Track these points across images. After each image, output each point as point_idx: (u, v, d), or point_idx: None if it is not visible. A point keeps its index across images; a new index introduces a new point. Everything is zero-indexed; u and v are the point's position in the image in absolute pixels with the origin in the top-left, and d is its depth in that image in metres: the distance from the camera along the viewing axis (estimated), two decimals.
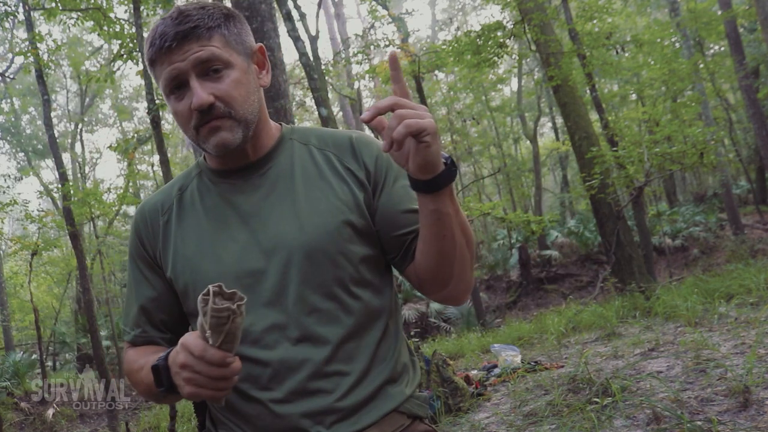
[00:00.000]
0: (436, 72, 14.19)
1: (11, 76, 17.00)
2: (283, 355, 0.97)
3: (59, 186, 9.44)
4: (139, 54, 5.98)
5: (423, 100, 11.57)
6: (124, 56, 7.62)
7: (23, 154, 22.03)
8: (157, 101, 5.52)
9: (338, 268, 1.00)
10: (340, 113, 20.15)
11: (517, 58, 14.74)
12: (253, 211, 1.04)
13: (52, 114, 11.20)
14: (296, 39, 4.99)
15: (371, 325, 1.03)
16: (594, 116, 11.65)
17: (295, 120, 11.82)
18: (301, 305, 0.98)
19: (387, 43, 11.97)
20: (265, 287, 0.99)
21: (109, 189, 15.06)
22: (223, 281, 0.88)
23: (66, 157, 20.36)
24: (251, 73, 1.03)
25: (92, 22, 8.05)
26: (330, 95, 13.80)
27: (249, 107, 1.01)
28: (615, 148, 8.93)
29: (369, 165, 1.07)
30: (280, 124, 1.15)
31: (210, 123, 0.98)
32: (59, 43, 8.50)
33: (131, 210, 21.72)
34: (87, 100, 21.17)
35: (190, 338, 0.84)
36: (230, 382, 0.85)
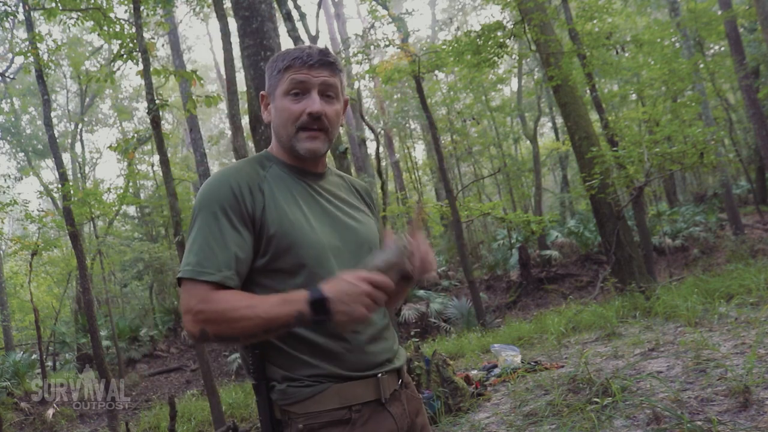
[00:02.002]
0: (436, 72, 14.17)
1: (11, 76, 17.00)
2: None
3: (59, 186, 9.44)
4: (139, 54, 5.98)
5: (423, 100, 11.57)
6: (124, 56, 7.61)
7: (23, 154, 22.03)
8: (157, 101, 5.51)
9: None
10: None
11: (517, 58, 14.74)
12: (327, 206, 1.36)
13: (52, 114, 11.20)
14: (296, 39, 4.99)
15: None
16: (594, 116, 11.65)
17: None
18: None
19: (387, 43, 11.96)
20: (346, 258, 1.31)
21: (109, 189, 15.05)
22: (321, 248, 1.27)
23: (66, 157, 20.37)
24: (342, 111, 1.38)
25: (92, 22, 8.05)
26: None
27: (335, 133, 1.36)
28: (615, 148, 8.93)
29: (375, 207, 1.55)
30: None
31: (313, 131, 1.30)
32: (59, 43, 8.50)
33: (131, 210, 21.75)
34: (87, 100, 21.17)
35: (373, 273, 1.15)
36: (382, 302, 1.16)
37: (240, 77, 12.50)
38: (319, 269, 1.26)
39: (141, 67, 5.88)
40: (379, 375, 1.30)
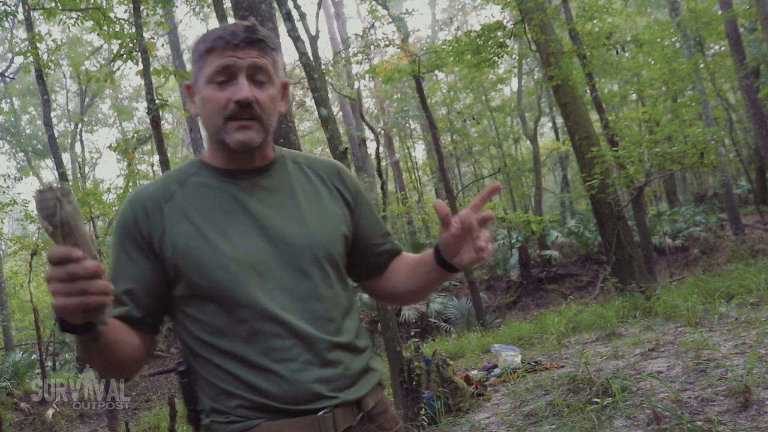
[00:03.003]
0: (436, 72, 14.17)
1: (11, 76, 17.00)
2: (298, 330, 1.09)
3: None
4: (139, 54, 5.97)
5: (423, 100, 11.57)
6: (124, 56, 7.61)
7: (23, 154, 22.04)
8: (157, 101, 5.51)
9: (333, 265, 1.18)
10: (340, 113, 20.15)
11: (517, 58, 14.74)
12: (260, 210, 1.15)
13: (52, 114, 11.20)
14: (296, 39, 4.98)
15: (353, 314, 1.22)
16: (594, 116, 11.64)
17: (295, 120, 11.80)
18: (309, 292, 1.13)
19: (387, 43, 11.96)
20: (277, 274, 1.11)
21: (108, 189, 15.06)
22: (239, 265, 1.08)
23: (66, 157, 20.36)
24: (279, 97, 1.18)
25: (92, 22, 8.05)
26: (330, 95, 13.81)
27: (272, 121, 1.16)
28: (615, 148, 8.92)
29: (351, 189, 1.28)
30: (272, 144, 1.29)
31: (242, 121, 1.11)
32: (59, 43, 8.51)
33: None
34: (87, 100, 21.17)
35: (52, 250, 0.84)
36: (93, 284, 0.84)
37: None
38: (234, 291, 1.07)
39: (141, 67, 5.88)
40: (320, 413, 1.07)
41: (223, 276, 1.08)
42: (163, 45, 16.92)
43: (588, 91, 10.98)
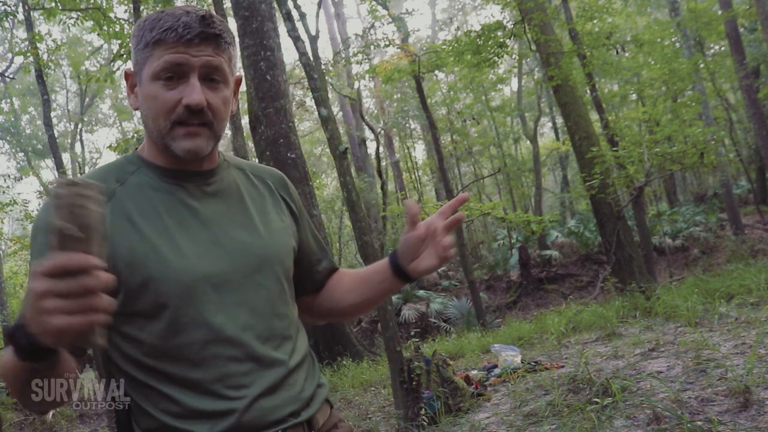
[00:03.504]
0: (436, 72, 14.17)
1: (11, 76, 17.00)
2: (257, 353, 1.00)
3: None
4: None
5: (423, 100, 11.57)
6: (124, 56, 7.62)
7: (23, 154, 22.04)
8: None
9: (287, 278, 1.12)
10: (340, 113, 20.15)
11: (517, 58, 14.74)
12: (210, 216, 1.04)
13: (52, 114, 11.20)
14: (296, 39, 4.98)
15: (302, 329, 1.16)
16: (594, 116, 11.64)
17: (295, 120, 11.80)
18: (268, 307, 1.05)
19: (387, 43, 11.96)
20: (234, 288, 1.01)
21: None
22: (192, 278, 0.96)
23: (66, 157, 20.36)
24: (231, 96, 1.06)
25: (92, 22, 8.05)
26: (330, 95, 13.81)
27: (224, 126, 1.05)
28: (615, 148, 8.92)
29: (295, 200, 1.21)
30: None
31: (191, 127, 0.99)
32: (59, 43, 8.51)
33: None
34: (87, 100, 21.17)
35: (43, 261, 0.69)
36: (104, 300, 0.71)
37: None
38: (186, 308, 0.95)
39: None
40: None
41: (173, 291, 0.95)
42: None
43: (588, 91, 10.98)
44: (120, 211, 0.98)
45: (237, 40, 1.14)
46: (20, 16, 8.43)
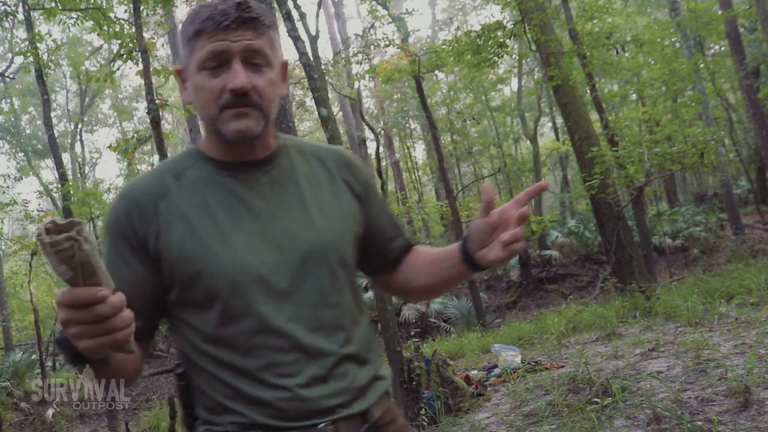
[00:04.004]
0: (436, 72, 14.17)
1: (11, 76, 17.00)
2: (303, 344, 1.01)
3: (59, 186, 9.45)
4: (139, 54, 5.97)
5: (423, 100, 11.57)
6: (124, 56, 7.61)
7: (23, 154, 22.05)
8: (157, 101, 5.51)
9: (344, 267, 1.09)
10: (340, 113, 20.14)
11: (517, 58, 14.74)
12: (262, 206, 1.06)
13: (52, 114, 11.20)
14: (296, 39, 4.97)
15: (362, 320, 1.13)
16: (594, 116, 11.64)
17: (295, 120, 11.80)
18: (317, 298, 1.04)
19: (387, 43, 11.95)
20: (282, 279, 1.02)
21: (109, 189, 15.07)
22: (240, 271, 1.00)
23: (66, 157, 20.35)
24: (279, 79, 1.07)
25: (92, 22, 8.04)
26: (330, 95, 13.80)
27: (273, 107, 1.06)
28: (615, 148, 8.92)
29: (360, 180, 1.18)
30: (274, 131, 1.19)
31: (239, 108, 1.00)
32: (59, 43, 8.50)
33: None
34: (87, 100, 21.17)
35: (61, 291, 0.78)
36: (119, 319, 0.78)
37: None
38: (234, 300, 0.99)
39: (141, 67, 5.88)
40: (321, 425, 1.01)
41: (221, 284, 0.99)
42: (163, 45, 16.89)
43: (588, 91, 10.97)
44: (172, 208, 1.03)
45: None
46: (20, 16, 8.42)
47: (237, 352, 1.00)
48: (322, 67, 11.19)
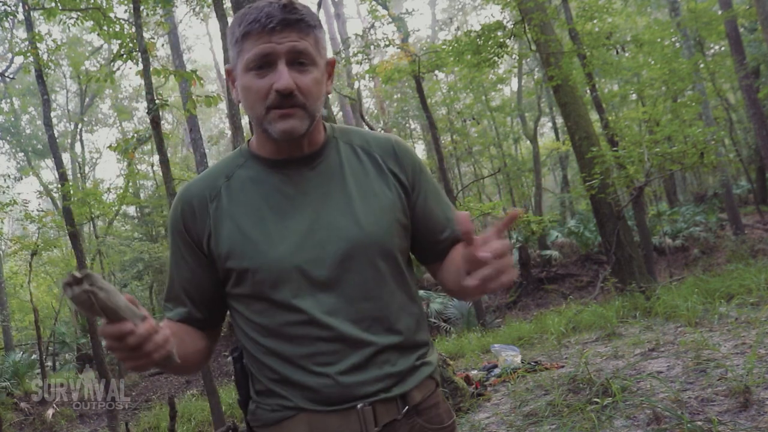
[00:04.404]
0: (436, 72, 14.17)
1: (11, 76, 17.00)
2: (344, 334, 1.06)
3: (59, 186, 9.45)
4: (139, 54, 5.97)
5: (423, 100, 11.57)
6: (124, 56, 7.60)
7: (23, 154, 22.04)
8: (157, 101, 5.51)
9: (388, 259, 1.12)
10: (340, 113, 20.15)
11: (517, 58, 14.74)
12: (308, 203, 1.10)
13: (52, 114, 11.20)
14: None
15: (410, 308, 1.15)
16: (594, 116, 11.64)
17: None
18: (358, 291, 1.08)
19: (387, 43, 11.95)
20: (323, 274, 1.07)
21: (108, 189, 15.07)
22: (283, 267, 1.06)
23: (66, 157, 20.36)
24: (324, 77, 1.11)
25: (92, 22, 8.04)
26: (330, 95, 13.79)
27: (319, 105, 1.09)
28: (615, 148, 8.92)
29: (408, 170, 1.18)
30: (324, 123, 1.21)
31: (285, 109, 1.04)
32: (59, 43, 8.50)
33: (131, 210, 21.75)
34: (87, 100, 21.17)
35: (101, 327, 0.88)
36: (151, 344, 0.89)
37: None
38: (279, 294, 1.06)
39: (141, 67, 5.87)
40: (359, 406, 1.06)
41: (266, 279, 1.06)
42: (163, 45, 16.89)
43: (588, 91, 10.98)
44: (222, 209, 1.11)
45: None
46: (20, 16, 8.42)
47: (282, 340, 1.08)
48: None
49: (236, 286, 1.10)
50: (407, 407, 1.11)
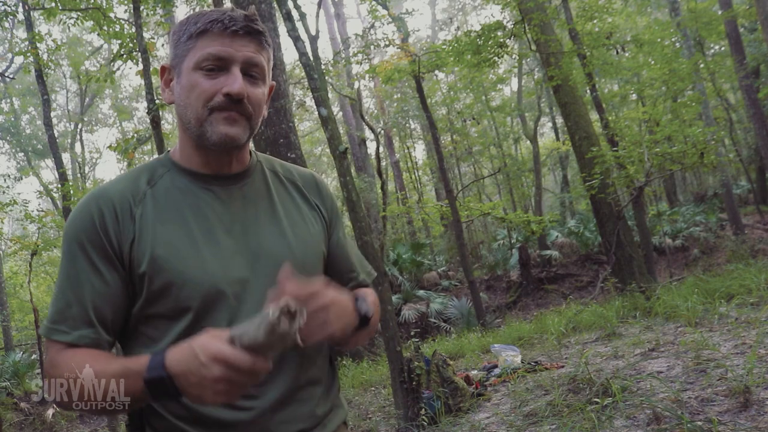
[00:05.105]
0: (436, 72, 14.17)
1: (11, 76, 17.00)
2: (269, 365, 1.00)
3: (59, 186, 9.44)
4: (139, 54, 5.97)
5: (423, 100, 11.57)
6: (124, 56, 7.61)
7: (23, 154, 22.03)
8: (157, 101, 5.51)
9: None
10: (340, 113, 20.15)
11: (517, 58, 14.73)
12: (236, 222, 1.04)
13: (52, 114, 11.20)
14: (296, 39, 4.98)
15: (323, 343, 1.11)
16: (594, 116, 11.64)
17: (295, 120, 11.79)
18: None
19: (387, 43, 11.95)
20: (252, 296, 1.00)
21: None
22: (212, 285, 0.97)
23: (66, 157, 20.37)
24: (266, 97, 1.07)
25: (92, 22, 8.04)
26: (330, 95, 13.80)
27: (258, 122, 1.05)
28: (615, 148, 8.92)
29: (328, 206, 1.18)
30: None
31: (231, 112, 0.99)
32: (59, 43, 8.50)
33: None
34: (87, 100, 21.17)
35: (230, 352, 0.80)
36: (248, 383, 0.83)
37: None
38: (205, 313, 0.97)
39: (141, 67, 5.88)
40: None
41: (194, 296, 0.96)
42: (163, 45, 16.90)
43: (588, 91, 10.98)
44: (147, 217, 1.00)
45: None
46: (20, 16, 8.43)
47: None
48: (322, 67, 11.18)
49: (152, 304, 0.97)
50: None
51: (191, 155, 1.06)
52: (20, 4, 8.16)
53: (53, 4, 7.76)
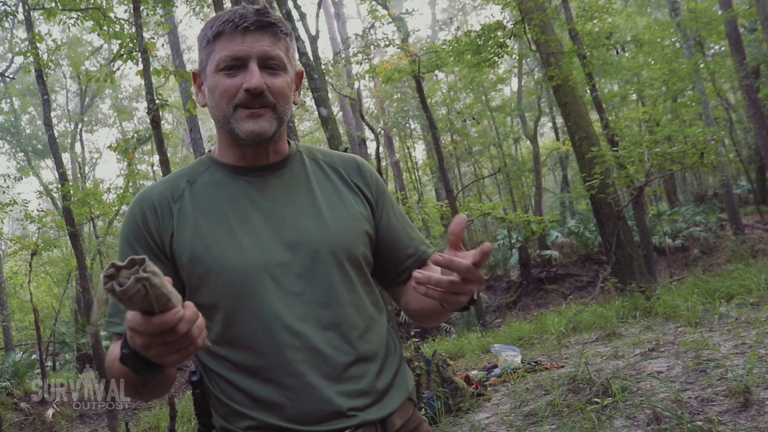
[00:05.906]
0: (436, 72, 14.17)
1: (11, 76, 17.00)
2: (315, 342, 1.01)
3: (59, 186, 9.45)
4: (139, 54, 5.97)
5: (423, 100, 11.57)
6: (124, 56, 7.60)
7: (23, 154, 22.03)
8: (157, 101, 5.51)
9: (355, 265, 1.09)
10: (340, 113, 20.14)
11: (517, 58, 14.73)
12: (273, 209, 1.07)
13: (52, 114, 11.20)
14: (296, 39, 4.99)
15: (380, 319, 1.11)
16: (594, 116, 11.64)
17: (295, 120, 11.80)
18: (330, 296, 1.04)
19: (387, 43, 11.95)
20: (292, 278, 1.02)
21: (108, 189, 15.07)
22: (250, 270, 1.00)
23: (66, 157, 20.36)
24: (292, 86, 1.09)
25: (92, 22, 8.04)
26: (330, 95, 13.80)
27: (287, 109, 1.08)
28: (615, 148, 8.92)
29: (372, 186, 1.18)
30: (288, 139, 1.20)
31: (254, 109, 1.03)
32: (59, 43, 8.50)
33: None
34: (87, 100, 21.17)
35: (132, 318, 0.76)
36: (196, 329, 0.79)
37: None
38: (244, 298, 1.00)
39: (141, 67, 5.87)
40: None
41: (232, 282, 1.00)
42: (163, 45, 16.90)
43: (588, 91, 10.98)
44: (186, 211, 1.06)
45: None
46: (20, 16, 8.43)
47: (247, 351, 1.00)
48: (322, 67, 11.18)
49: (195, 293, 1.02)
50: None
51: (228, 151, 1.11)
52: (20, 4, 8.16)
53: (53, 4, 7.75)
